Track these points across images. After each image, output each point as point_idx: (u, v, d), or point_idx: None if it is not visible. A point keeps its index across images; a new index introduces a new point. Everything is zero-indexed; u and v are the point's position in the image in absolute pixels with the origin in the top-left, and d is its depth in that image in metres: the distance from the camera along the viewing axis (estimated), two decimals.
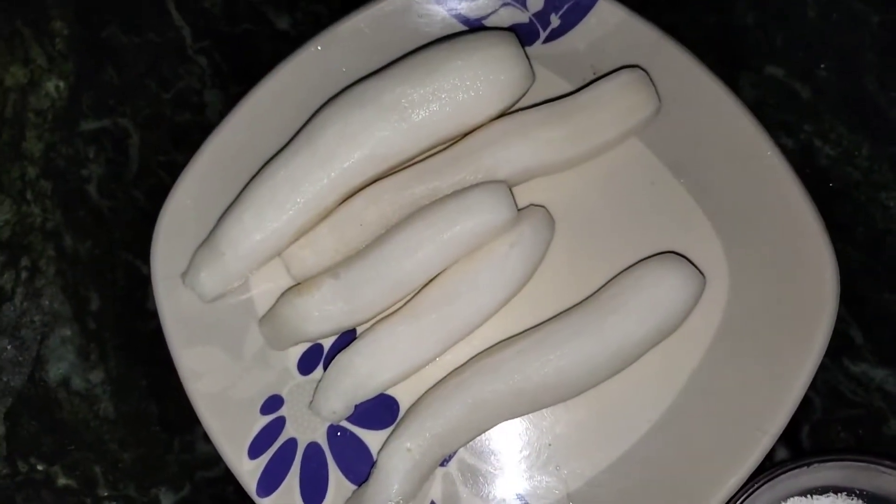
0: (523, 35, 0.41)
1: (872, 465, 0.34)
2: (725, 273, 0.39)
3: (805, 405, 0.38)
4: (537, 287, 0.39)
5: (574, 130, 0.38)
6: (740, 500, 0.35)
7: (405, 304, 0.38)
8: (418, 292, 0.38)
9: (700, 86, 0.40)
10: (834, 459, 0.34)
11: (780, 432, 0.35)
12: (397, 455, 0.35)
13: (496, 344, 0.38)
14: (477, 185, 0.37)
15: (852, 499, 0.36)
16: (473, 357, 0.38)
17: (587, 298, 0.38)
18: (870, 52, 0.42)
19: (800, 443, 0.38)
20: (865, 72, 0.42)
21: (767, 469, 0.36)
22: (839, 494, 0.36)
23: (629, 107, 0.39)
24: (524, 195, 0.40)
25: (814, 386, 0.38)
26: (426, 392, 0.37)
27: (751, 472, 0.35)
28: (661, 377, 0.38)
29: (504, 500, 0.37)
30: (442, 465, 0.38)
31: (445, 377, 0.37)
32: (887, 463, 0.34)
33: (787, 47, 0.43)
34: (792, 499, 0.36)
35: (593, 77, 0.40)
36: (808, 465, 0.34)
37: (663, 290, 0.36)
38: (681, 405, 0.38)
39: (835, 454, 0.34)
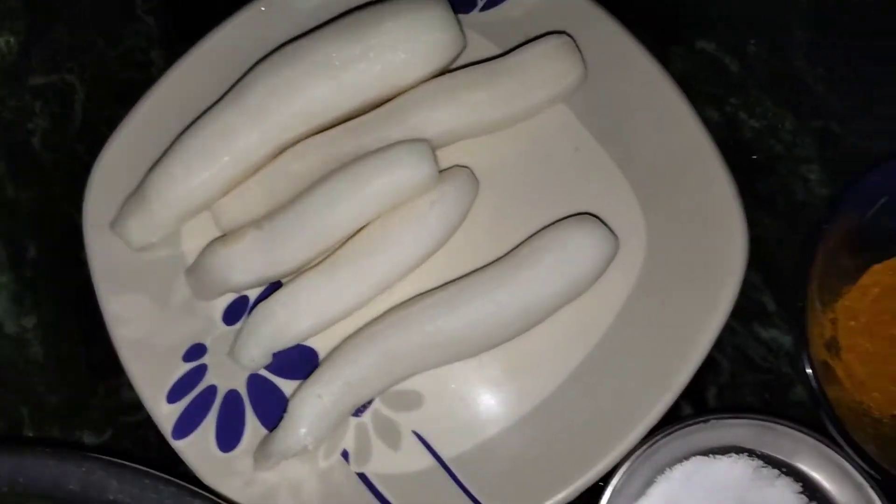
0: (461, 2, 0.42)
1: (768, 423, 0.35)
2: (643, 236, 0.39)
3: (714, 368, 0.39)
4: (459, 245, 0.40)
5: (499, 93, 0.39)
6: (638, 455, 0.35)
7: (328, 256, 0.39)
8: (341, 246, 0.39)
9: (628, 56, 0.41)
10: (730, 417, 0.35)
11: (682, 389, 0.36)
12: (307, 401, 0.36)
13: (413, 297, 0.38)
14: (399, 142, 0.38)
15: (752, 459, 0.37)
16: (390, 309, 0.38)
17: (503, 256, 0.39)
18: (799, 29, 0.43)
19: (706, 404, 0.39)
20: (794, 48, 0.43)
21: None
22: (741, 454, 0.37)
23: (554, 72, 0.39)
24: (452, 156, 0.41)
25: (723, 349, 0.39)
26: (341, 342, 0.38)
27: (649, 429, 0.36)
28: (575, 335, 0.38)
29: (416, 452, 0.38)
30: (356, 415, 0.38)
31: (361, 328, 0.38)
32: (781, 421, 0.35)
33: (720, 23, 0.44)
34: (694, 457, 0.37)
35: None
36: (706, 421, 0.35)
37: (574, 248, 0.37)
38: (591, 363, 0.38)
39: (734, 412, 0.35)
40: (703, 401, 0.39)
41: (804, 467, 0.36)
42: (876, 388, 0.35)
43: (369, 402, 0.39)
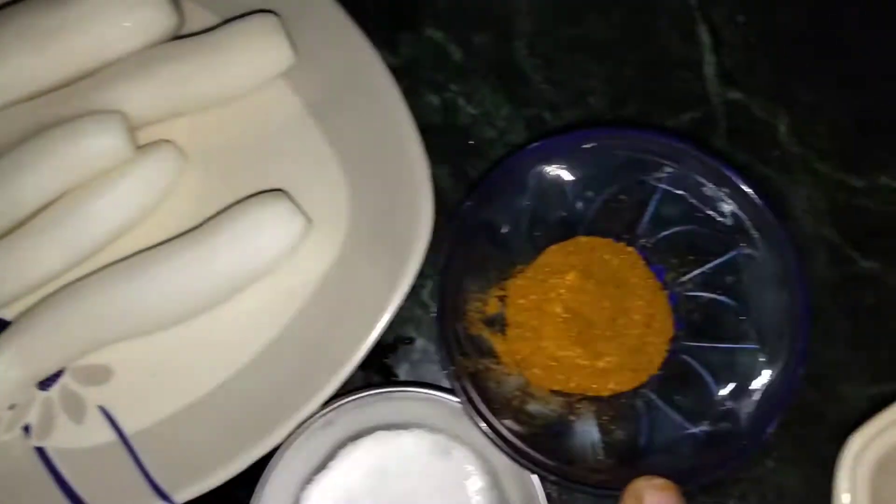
0: None
1: (436, 397, 0.35)
2: (346, 216, 0.40)
3: (408, 345, 0.40)
4: (167, 220, 0.40)
5: (195, 68, 0.39)
6: (309, 426, 0.35)
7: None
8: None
9: (346, 38, 0.41)
10: (399, 390, 0.36)
11: (358, 363, 0.36)
12: None
13: (97, 269, 0.38)
14: (89, 112, 0.38)
15: (433, 433, 0.38)
16: (72, 281, 0.38)
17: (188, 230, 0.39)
18: (525, 20, 0.44)
19: (398, 378, 0.40)
20: (517, 39, 0.44)
21: None
22: (422, 429, 0.38)
23: (256, 50, 0.40)
24: (165, 133, 0.41)
25: (419, 328, 0.40)
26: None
27: (326, 400, 0.36)
28: (269, 310, 0.39)
29: (99, 426, 0.38)
30: (44, 389, 0.38)
31: (42, 298, 0.37)
32: (446, 397, 0.35)
33: (449, 12, 0.45)
34: (377, 432, 0.37)
35: None
36: (381, 393, 0.36)
37: (254, 224, 0.37)
38: (282, 338, 0.38)
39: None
40: (396, 377, 0.40)
41: (476, 442, 0.37)
42: (537, 364, 0.36)
43: (58, 376, 0.38)
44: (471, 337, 0.35)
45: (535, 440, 0.33)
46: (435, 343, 0.40)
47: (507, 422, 0.33)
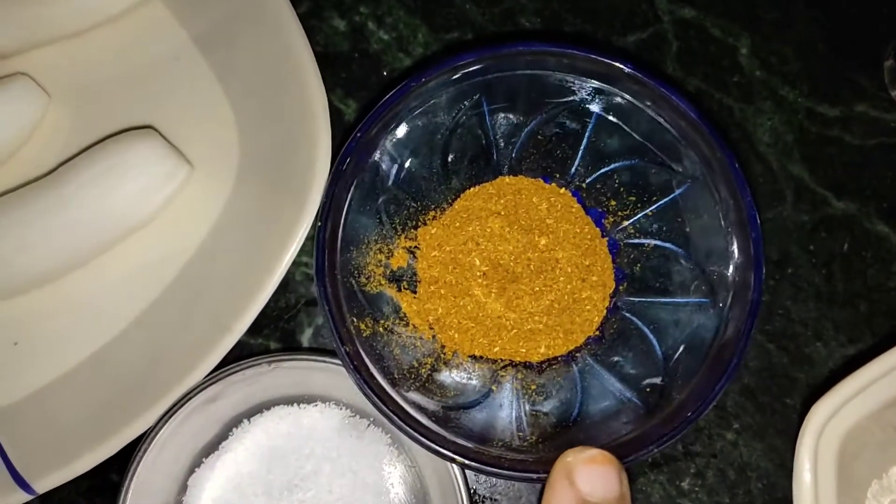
0: None
1: (325, 361, 0.30)
2: (236, 159, 0.34)
3: (312, 307, 0.35)
4: (27, 166, 0.34)
5: None
6: (187, 404, 0.30)
7: None
8: None
9: None
10: (289, 358, 0.30)
11: (244, 329, 0.31)
12: None
13: None
14: None
15: (341, 408, 0.33)
16: None
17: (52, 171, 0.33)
18: None
19: (300, 346, 0.35)
20: None
21: None
22: (328, 403, 0.33)
23: None
24: (25, 65, 0.35)
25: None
26: None
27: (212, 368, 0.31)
28: (149, 269, 0.34)
29: None
30: None
31: None
32: (327, 359, 0.30)
33: None
34: (277, 407, 0.32)
35: None
36: (269, 363, 0.31)
37: (112, 168, 0.31)
38: (165, 301, 0.33)
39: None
40: (298, 344, 0.35)
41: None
42: (454, 326, 0.30)
43: None
44: (369, 295, 0.29)
45: (444, 416, 0.28)
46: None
47: (412, 394, 0.28)
